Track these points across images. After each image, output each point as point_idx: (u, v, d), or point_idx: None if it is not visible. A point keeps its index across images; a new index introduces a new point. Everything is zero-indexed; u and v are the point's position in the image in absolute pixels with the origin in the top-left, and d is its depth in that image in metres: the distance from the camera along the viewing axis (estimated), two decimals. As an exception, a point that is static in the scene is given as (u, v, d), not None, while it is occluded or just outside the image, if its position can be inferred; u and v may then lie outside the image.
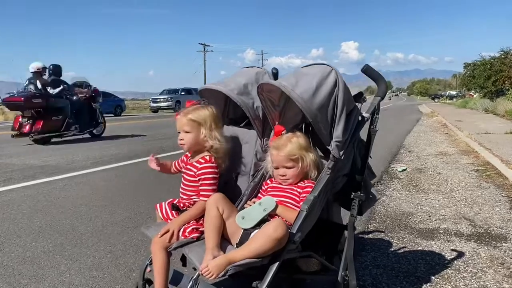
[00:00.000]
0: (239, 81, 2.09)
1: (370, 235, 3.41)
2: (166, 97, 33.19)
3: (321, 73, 1.77)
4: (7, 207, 4.33)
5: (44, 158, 7.81)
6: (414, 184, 5.28)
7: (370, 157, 2.01)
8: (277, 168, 1.97)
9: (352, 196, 1.94)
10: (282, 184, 1.96)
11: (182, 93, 34.02)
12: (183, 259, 2.11)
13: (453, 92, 74.87)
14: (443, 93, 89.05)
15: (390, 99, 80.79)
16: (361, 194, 1.95)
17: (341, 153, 1.79)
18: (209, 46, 57.87)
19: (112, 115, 27.42)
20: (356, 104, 1.91)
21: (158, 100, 33.31)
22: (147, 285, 2.12)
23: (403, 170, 6.24)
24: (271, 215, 1.76)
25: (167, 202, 2.11)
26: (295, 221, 1.72)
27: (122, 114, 28.70)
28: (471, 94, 41.04)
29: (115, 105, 28.63)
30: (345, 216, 2.14)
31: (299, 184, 1.93)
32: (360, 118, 1.92)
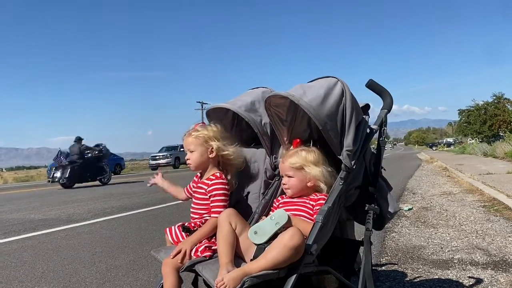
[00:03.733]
0: (246, 99, 2.12)
1: (383, 267, 3.30)
2: (165, 154, 33.22)
3: (327, 84, 1.79)
4: (8, 256, 4.22)
5: (44, 212, 7.71)
6: (422, 221, 5.18)
7: (384, 169, 1.99)
8: (282, 176, 1.98)
9: (366, 208, 1.90)
10: (293, 198, 1.93)
11: (181, 149, 34.12)
12: (195, 283, 2.02)
13: (450, 140, 75.63)
14: (440, 141, 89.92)
15: (392, 148, 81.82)
16: (376, 207, 1.91)
17: (353, 162, 1.78)
18: (206, 104, 58.76)
19: (112, 173, 27.34)
20: (364, 116, 1.92)
21: (157, 157, 33.33)
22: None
23: (409, 209, 6.15)
24: (284, 227, 1.71)
25: (177, 225, 2.05)
26: (311, 233, 1.67)
27: (121, 173, 28.66)
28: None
29: (115, 163, 28.64)
30: (358, 236, 2.08)
31: (311, 197, 1.89)
32: (368, 130, 1.93)
